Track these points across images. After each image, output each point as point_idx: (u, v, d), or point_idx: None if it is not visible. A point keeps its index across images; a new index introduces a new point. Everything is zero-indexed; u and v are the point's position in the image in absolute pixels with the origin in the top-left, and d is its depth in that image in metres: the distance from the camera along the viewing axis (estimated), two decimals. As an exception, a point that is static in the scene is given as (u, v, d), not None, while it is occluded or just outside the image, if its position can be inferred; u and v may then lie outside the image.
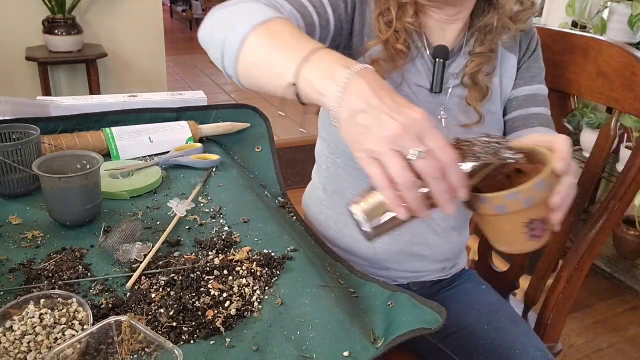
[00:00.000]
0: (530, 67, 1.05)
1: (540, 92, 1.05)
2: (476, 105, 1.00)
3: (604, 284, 2.34)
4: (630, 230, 2.22)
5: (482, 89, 1.00)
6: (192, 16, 7.60)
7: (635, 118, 1.95)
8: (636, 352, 2.02)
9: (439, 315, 0.71)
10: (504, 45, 1.03)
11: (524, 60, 1.05)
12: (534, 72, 1.05)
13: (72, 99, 1.29)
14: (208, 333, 0.68)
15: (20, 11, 2.88)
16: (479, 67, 0.99)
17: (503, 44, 1.03)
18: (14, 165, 0.93)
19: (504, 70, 1.04)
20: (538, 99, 1.04)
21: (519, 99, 1.04)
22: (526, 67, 1.05)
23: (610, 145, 1.09)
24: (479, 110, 1.00)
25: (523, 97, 1.04)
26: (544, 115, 1.03)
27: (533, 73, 1.05)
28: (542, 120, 1.02)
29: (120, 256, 0.81)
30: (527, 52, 1.05)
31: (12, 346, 0.62)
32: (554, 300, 1.14)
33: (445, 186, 0.61)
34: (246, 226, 0.93)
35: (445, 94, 1.00)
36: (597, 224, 1.07)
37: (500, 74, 1.04)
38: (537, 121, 1.02)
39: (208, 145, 1.20)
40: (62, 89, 3.14)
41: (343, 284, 0.82)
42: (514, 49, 1.04)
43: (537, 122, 1.02)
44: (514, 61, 1.04)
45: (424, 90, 0.99)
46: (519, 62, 1.05)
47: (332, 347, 0.67)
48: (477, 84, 0.99)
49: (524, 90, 1.04)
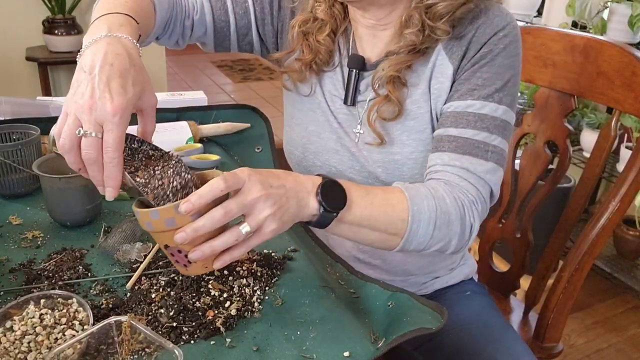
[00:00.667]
0: (471, 78, 0.85)
1: (471, 109, 0.84)
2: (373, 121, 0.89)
3: (604, 284, 2.34)
4: (630, 230, 2.22)
5: (392, 102, 0.88)
6: (192, 16, 7.59)
7: (635, 118, 1.95)
8: (636, 352, 2.02)
9: (440, 315, 0.71)
10: (446, 49, 0.87)
11: (466, 67, 0.86)
12: (476, 83, 0.84)
13: (72, 99, 1.29)
14: (208, 333, 0.68)
15: (20, 11, 2.88)
16: (391, 69, 0.86)
17: (445, 47, 0.87)
18: (14, 165, 0.93)
19: (435, 79, 0.88)
20: (465, 118, 0.84)
21: (444, 115, 0.87)
22: (466, 77, 0.86)
23: (610, 145, 1.09)
24: (376, 127, 0.89)
25: (447, 113, 0.86)
26: (465, 139, 0.83)
27: (472, 85, 0.85)
28: (458, 145, 0.83)
29: (120, 256, 0.81)
30: (473, 59, 0.85)
31: (12, 346, 0.62)
32: (554, 300, 1.14)
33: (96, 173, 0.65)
34: (246, 226, 0.93)
35: (362, 107, 0.94)
36: (597, 224, 1.07)
37: (429, 84, 0.89)
38: (450, 145, 0.83)
39: (208, 145, 1.20)
40: (62, 89, 3.13)
41: (343, 284, 0.82)
42: (455, 55, 0.86)
43: (449, 146, 0.83)
44: (449, 70, 0.87)
45: (339, 100, 0.96)
46: (457, 70, 0.86)
47: (332, 347, 0.67)
48: (388, 95, 0.87)
49: (452, 105, 0.86)
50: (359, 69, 0.93)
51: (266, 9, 1.01)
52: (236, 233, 0.65)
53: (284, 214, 0.68)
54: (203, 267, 0.68)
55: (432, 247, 0.81)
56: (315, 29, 0.94)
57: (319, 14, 0.93)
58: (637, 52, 1.01)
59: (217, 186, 0.63)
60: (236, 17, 1.00)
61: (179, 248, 0.66)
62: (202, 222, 0.63)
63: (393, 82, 0.88)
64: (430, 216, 0.78)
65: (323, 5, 0.93)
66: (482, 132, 0.83)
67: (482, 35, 0.85)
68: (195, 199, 0.63)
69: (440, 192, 0.80)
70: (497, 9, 0.87)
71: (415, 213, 0.77)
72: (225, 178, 0.63)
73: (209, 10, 0.99)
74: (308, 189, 0.71)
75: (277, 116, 4.12)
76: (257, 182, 0.65)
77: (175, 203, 0.63)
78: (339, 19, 0.95)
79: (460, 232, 0.81)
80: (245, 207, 0.65)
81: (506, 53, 0.85)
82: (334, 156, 0.97)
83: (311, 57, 0.95)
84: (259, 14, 1.01)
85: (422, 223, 0.78)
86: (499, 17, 0.86)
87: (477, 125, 0.83)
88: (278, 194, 0.67)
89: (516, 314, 1.27)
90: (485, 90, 0.84)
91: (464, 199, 0.81)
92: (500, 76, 0.84)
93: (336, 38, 0.96)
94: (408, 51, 0.87)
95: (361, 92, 0.94)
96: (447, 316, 0.70)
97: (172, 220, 0.63)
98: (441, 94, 0.88)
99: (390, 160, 0.92)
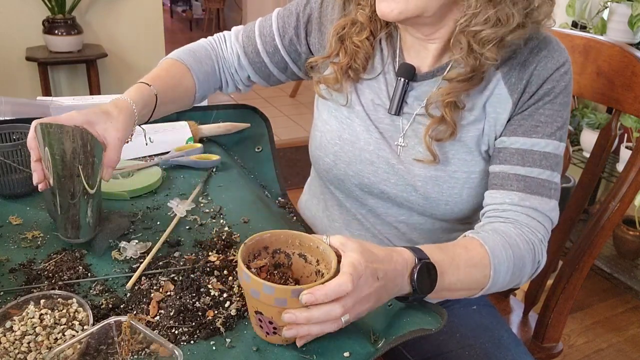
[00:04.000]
0: (534, 114, 0.85)
1: (537, 147, 0.84)
2: (429, 142, 0.87)
3: (604, 284, 2.34)
4: (630, 230, 2.22)
5: (447, 124, 0.86)
6: (192, 16, 7.60)
7: (635, 118, 1.95)
8: (636, 352, 2.02)
9: (439, 316, 0.71)
10: (505, 79, 0.86)
11: (529, 102, 0.85)
12: (539, 120, 0.85)
13: (72, 99, 1.29)
14: (208, 333, 0.68)
15: (20, 11, 2.87)
16: (449, 96, 0.84)
17: (504, 77, 0.86)
18: (14, 165, 0.93)
19: (491, 107, 0.87)
20: (531, 156, 0.84)
21: (508, 151, 0.86)
22: (529, 112, 0.85)
23: (610, 145, 1.09)
24: (432, 148, 0.88)
25: (513, 150, 0.85)
26: (532, 178, 0.84)
27: (536, 122, 0.85)
28: (527, 185, 0.84)
29: (117, 254, 0.81)
30: (536, 94, 0.85)
31: (12, 346, 0.62)
32: (554, 300, 1.14)
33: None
34: (246, 226, 0.93)
35: (407, 119, 0.91)
36: (597, 224, 1.07)
37: (484, 110, 0.87)
38: (518, 184, 0.84)
39: (208, 145, 1.20)
40: (62, 89, 3.13)
41: (343, 284, 0.82)
42: (514, 87, 0.86)
43: (518, 185, 0.84)
44: (508, 103, 0.86)
45: (382, 109, 0.93)
46: (517, 103, 0.86)
47: (332, 347, 0.67)
48: (444, 118, 0.86)
49: (517, 141, 0.85)
50: (408, 79, 0.90)
51: (294, 39, 1.02)
52: (337, 324, 0.64)
53: (378, 303, 0.69)
54: (284, 340, 0.67)
55: (503, 288, 0.84)
56: (354, 32, 0.92)
57: (358, 17, 0.91)
58: (637, 52, 1.01)
59: (345, 288, 0.62)
60: (269, 56, 1.04)
61: (271, 319, 0.65)
62: (318, 315, 0.62)
63: (450, 106, 0.85)
64: (509, 266, 0.80)
65: (367, 9, 0.90)
66: (546, 170, 0.85)
67: (544, 69, 0.84)
68: (319, 295, 0.61)
69: (514, 237, 0.82)
70: (557, 43, 0.87)
71: (496, 266, 0.79)
72: (353, 279, 0.62)
73: (244, 57, 1.06)
74: (404, 274, 0.71)
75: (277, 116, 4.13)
76: (369, 276, 0.65)
77: (294, 288, 0.62)
78: (382, 24, 0.92)
79: (530, 271, 0.85)
80: (356, 303, 0.65)
81: (566, 91, 0.86)
82: (368, 167, 0.94)
83: (347, 60, 0.92)
84: (289, 47, 1.03)
85: (501, 274, 0.80)
86: (559, 52, 0.86)
87: (543, 164, 0.85)
88: (381, 287, 0.67)
89: (516, 314, 1.27)
90: (548, 128, 0.85)
91: (534, 239, 0.83)
92: (560, 114, 0.85)
93: (377, 43, 0.94)
94: (466, 79, 0.84)
95: (408, 104, 0.91)
96: (446, 317, 0.70)
97: (283, 300, 0.62)
98: (497, 124, 0.87)
99: (432, 176, 0.90)
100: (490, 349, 0.96)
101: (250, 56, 1.05)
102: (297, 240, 0.72)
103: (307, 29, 1.01)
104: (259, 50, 1.04)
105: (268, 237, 0.71)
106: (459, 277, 0.77)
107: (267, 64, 1.05)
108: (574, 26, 2.21)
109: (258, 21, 1.07)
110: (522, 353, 0.98)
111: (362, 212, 1.00)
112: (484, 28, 0.79)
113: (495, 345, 0.97)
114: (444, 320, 0.70)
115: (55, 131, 0.76)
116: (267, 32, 1.04)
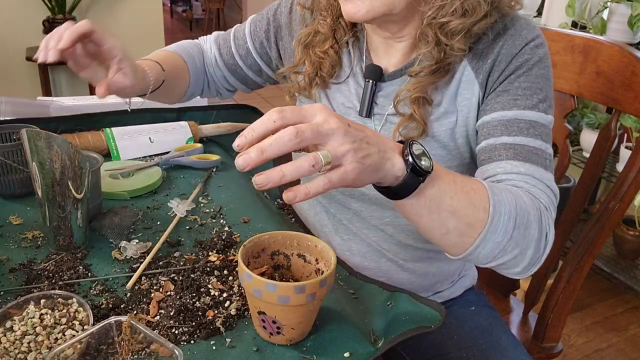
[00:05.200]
0: (509, 89, 0.82)
1: (521, 116, 0.80)
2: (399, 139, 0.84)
3: (604, 284, 2.34)
4: (630, 230, 2.22)
5: (416, 121, 0.84)
6: (192, 16, 7.60)
7: (635, 118, 1.95)
8: (636, 352, 2.02)
9: (439, 313, 0.71)
10: (472, 64, 0.84)
11: (499, 80, 0.83)
12: (516, 94, 0.81)
13: (72, 99, 1.29)
14: (208, 333, 0.68)
15: (20, 11, 2.88)
16: (415, 91, 0.83)
17: (471, 62, 0.84)
18: (14, 165, 0.93)
19: (461, 96, 0.85)
20: (516, 125, 0.80)
21: (490, 125, 0.82)
22: (504, 88, 0.82)
23: (610, 145, 1.09)
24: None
25: (495, 123, 0.81)
26: (522, 145, 0.79)
27: (513, 96, 0.81)
28: (516, 152, 0.78)
29: (117, 253, 0.81)
30: (506, 70, 0.82)
31: (12, 346, 0.62)
32: (554, 300, 1.14)
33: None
34: (246, 226, 0.93)
35: (379, 120, 0.90)
36: (597, 224, 1.07)
37: (454, 101, 0.86)
38: (507, 152, 0.78)
39: (208, 145, 1.20)
40: (62, 89, 3.14)
41: (342, 285, 0.82)
42: (481, 69, 0.84)
43: (507, 153, 0.78)
44: (475, 86, 0.84)
45: (353, 112, 0.92)
46: (486, 84, 0.84)
47: (332, 348, 0.67)
48: (412, 115, 0.84)
49: (498, 115, 0.81)
50: (376, 80, 0.89)
51: (264, 43, 1.05)
52: (313, 157, 0.55)
53: (366, 156, 0.58)
54: (287, 340, 0.67)
55: (506, 254, 0.71)
56: (317, 42, 0.93)
57: (319, 27, 0.92)
58: (637, 52, 1.01)
59: (269, 117, 0.55)
60: (242, 58, 1.08)
61: (274, 319, 0.64)
62: (269, 142, 0.55)
63: (418, 102, 0.84)
64: (511, 210, 0.68)
65: (328, 19, 0.91)
66: (536, 139, 0.79)
67: (512, 47, 0.82)
68: (247, 132, 0.56)
69: (516, 189, 0.73)
70: (525, 22, 0.85)
71: (496, 203, 0.68)
72: (282, 109, 0.56)
73: (219, 58, 1.09)
74: (391, 146, 0.62)
75: (277, 116, 4.14)
76: (331, 115, 0.57)
77: (297, 284, 0.61)
78: (346, 31, 0.92)
79: (537, 239, 0.72)
80: (320, 135, 0.56)
81: (542, 64, 0.83)
82: None
83: (312, 69, 0.94)
84: (260, 50, 1.06)
85: (503, 217, 0.68)
86: (527, 30, 0.83)
87: (530, 133, 0.79)
88: (358, 134, 0.58)
89: (516, 314, 1.27)
90: (528, 100, 0.81)
91: (539, 203, 0.74)
92: (540, 86, 0.82)
93: (344, 49, 0.94)
94: (431, 71, 0.82)
95: (378, 104, 0.90)
96: (445, 314, 0.70)
97: (287, 298, 0.62)
98: (470, 110, 0.85)
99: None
100: (488, 351, 0.96)
101: (225, 58, 1.09)
102: (295, 240, 0.72)
103: (277, 33, 1.04)
104: (233, 53, 1.08)
105: (266, 239, 0.71)
106: (456, 191, 0.66)
107: (241, 66, 1.08)
108: (573, 26, 2.21)
109: (235, 26, 1.11)
110: (521, 355, 0.97)
111: (347, 216, 0.99)
112: (451, 19, 0.78)
113: (494, 347, 0.97)
114: (443, 317, 0.69)
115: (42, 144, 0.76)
116: (240, 36, 1.08)
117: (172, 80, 1.01)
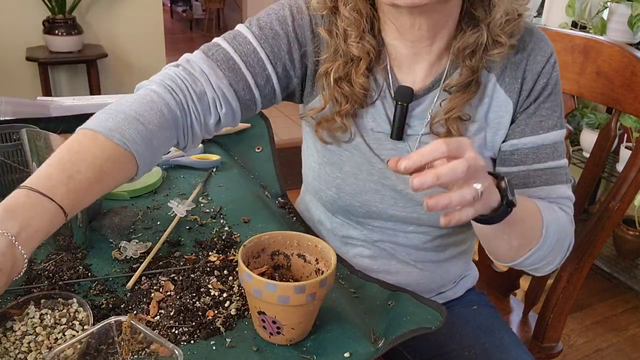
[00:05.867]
0: (537, 111, 0.85)
1: (547, 141, 0.85)
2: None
3: (604, 284, 2.34)
4: (630, 230, 2.22)
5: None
6: (192, 16, 7.60)
7: (635, 118, 1.95)
8: (636, 352, 2.02)
9: (440, 314, 0.71)
10: (500, 81, 0.84)
11: (529, 101, 0.85)
12: (541, 115, 0.85)
13: (72, 99, 1.29)
14: (208, 333, 0.68)
15: (20, 11, 2.88)
16: (453, 112, 0.83)
17: (499, 80, 0.84)
18: (14, 165, 0.93)
19: (493, 112, 0.86)
20: (544, 151, 0.86)
21: (521, 152, 0.86)
22: (532, 110, 0.85)
23: (610, 145, 1.09)
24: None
25: (526, 150, 0.86)
26: (550, 169, 0.86)
27: (539, 117, 0.85)
28: (546, 178, 0.86)
29: (117, 253, 0.81)
30: (533, 91, 0.84)
31: (13, 346, 0.63)
32: (554, 300, 1.14)
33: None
34: (246, 226, 0.93)
35: (413, 142, 0.87)
36: (597, 224, 1.07)
37: (486, 117, 0.86)
38: (539, 179, 0.86)
39: (208, 145, 1.20)
40: (62, 89, 3.14)
41: (343, 284, 0.82)
42: (511, 87, 0.84)
43: (539, 180, 0.86)
44: (509, 105, 0.85)
45: (383, 135, 0.87)
46: (517, 104, 0.85)
47: (332, 348, 0.67)
48: (450, 133, 0.84)
49: (528, 141, 0.85)
50: (407, 102, 0.85)
51: (288, 65, 0.87)
52: (475, 191, 0.62)
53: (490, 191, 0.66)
54: (287, 340, 0.67)
55: (543, 262, 0.83)
56: (352, 70, 0.84)
57: (353, 50, 0.83)
58: (637, 52, 1.01)
59: (439, 147, 0.60)
60: (259, 89, 0.86)
61: (274, 319, 0.64)
62: (445, 171, 0.60)
63: (456, 121, 0.84)
64: (555, 229, 0.80)
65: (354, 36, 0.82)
66: (560, 160, 0.87)
67: (535, 63, 0.84)
68: (416, 157, 0.60)
69: (555, 208, 0.83)
70: (538, 31, 0.86)
71: (548, 224, 0.78)
72: (447, 141, 0.61)
73: (234, 97, 0.84)
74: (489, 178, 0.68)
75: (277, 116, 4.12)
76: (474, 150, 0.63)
77: (297, 284, 0.62)
78: (373, 52, 0.84)
79: (566, 248, 0.85)
80: (476, 172, 0.62)
81: (558, 81, 0.87)
82: (374, 196, 0.89)
83: (349, 105, 0.85)
84: (282, 74, 0.87)
85: (551, 236, 0.79)
86: (543, 42, 0.85)
87: (555, 155, 0.87)
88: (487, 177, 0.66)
89: (516, 314, 1.27)
90: (550, 120, 0.86)
91: (570, 218, 0.86)
92: (557, 103, 0.87)
93: (372, 73, 0.86)
94: (465, 85, 0.82)
95: (411, 126, 0.87)
96: (446, 315, 0.70)
97: (287, 298, 0.62)
98: (500, 128, 0.86)
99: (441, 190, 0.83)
100: (490, 350, 0.96)
101: (241, 95, 0.85)
102: (295, 240, 0.72)
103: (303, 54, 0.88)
104: (251, 87, 0.85)
105: (266, 239, 0.71)
106: (522, 217, 0.75)
107: (256, 99, 0.87)
108: (573, 26, 2.21)
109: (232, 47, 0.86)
110: (522, 354, 0.97)
111: (365, 232, 0.96)
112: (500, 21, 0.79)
113: (496, 346, 0.97)
114: (444, 318, 0.69)
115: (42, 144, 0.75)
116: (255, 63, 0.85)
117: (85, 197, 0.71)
